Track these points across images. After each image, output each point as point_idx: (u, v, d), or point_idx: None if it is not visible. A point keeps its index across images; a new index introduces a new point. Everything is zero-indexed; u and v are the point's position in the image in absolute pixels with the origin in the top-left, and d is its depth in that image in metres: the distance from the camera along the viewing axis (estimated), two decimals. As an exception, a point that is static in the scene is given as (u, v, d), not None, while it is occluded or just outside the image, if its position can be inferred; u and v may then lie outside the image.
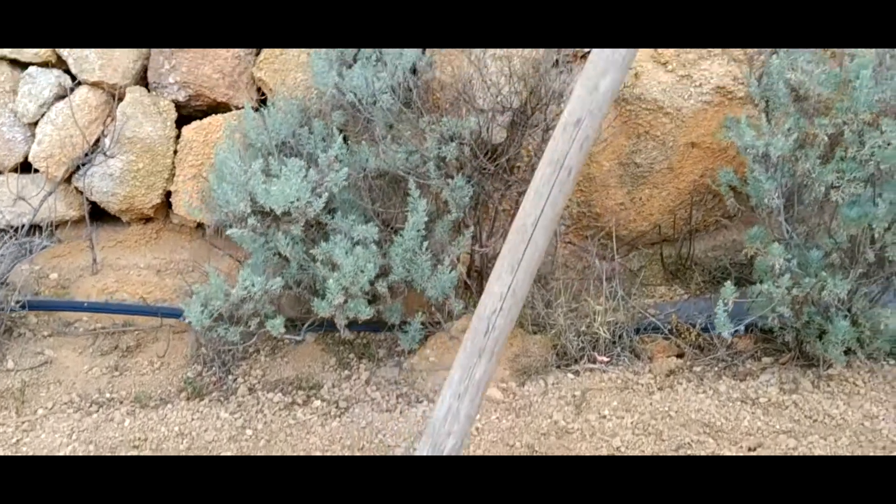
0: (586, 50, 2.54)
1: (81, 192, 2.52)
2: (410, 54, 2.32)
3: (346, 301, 1.89)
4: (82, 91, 2.47)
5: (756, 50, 2.16)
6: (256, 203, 1.85)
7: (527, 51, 2.45)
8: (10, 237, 2.31)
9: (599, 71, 1.23)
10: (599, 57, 1.24)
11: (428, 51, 2.46)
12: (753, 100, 2.07)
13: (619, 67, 1.23)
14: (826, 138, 1.91)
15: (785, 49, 2.04)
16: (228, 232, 1.94)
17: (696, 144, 2.48)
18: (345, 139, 2.22)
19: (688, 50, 2.45)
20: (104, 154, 2.37)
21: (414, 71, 2.39)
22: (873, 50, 2.03)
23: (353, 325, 2.09)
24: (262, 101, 2.59)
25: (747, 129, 1.94)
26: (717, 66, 2.43)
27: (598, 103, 1.24)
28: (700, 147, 2.48)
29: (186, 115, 2.58)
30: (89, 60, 2.43)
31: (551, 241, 2.39)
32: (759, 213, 2.08)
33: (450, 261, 2.02)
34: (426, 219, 1.98)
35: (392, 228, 2.08)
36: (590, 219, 2.55)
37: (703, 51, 2.48)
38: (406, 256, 1.93)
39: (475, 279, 2.28)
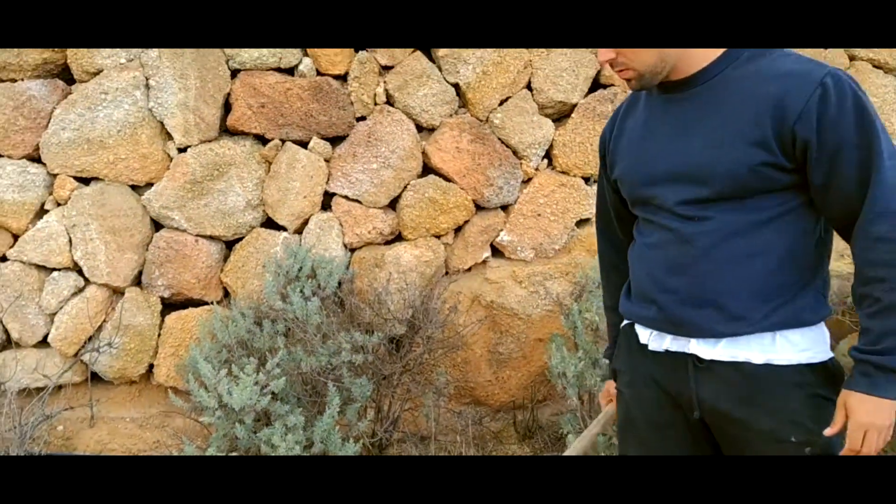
0: (481, 258, 3.52)
1: (85, 364, 3.34)
2: (337, 275, 3.25)
3: (280, 467, 2.74)
4: (92, 289, 3.33)
5: (569, 293, 3.16)
6: (222, 401, 2.72)
7: (425, 268, 3.41)
8: (38, 401, 3.12)
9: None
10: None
11: (351, 267, 3.40)
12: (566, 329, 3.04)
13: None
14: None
15: (588, 293, 3.02)
16: (202, 418, 2.79)
17: (541, 340, 3.44)
18: (286, 336, 3.12)
19: (537, 272, 3.44)
20: (109, 345, 3.22)
21: (340, 284, 3.32)
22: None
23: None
24: (227, 294, 3.49)
25: (556, 352, 2.90)
26: (556, 285, 3.41)
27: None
28: (545, 342, 3.44)
29: (169, 303, 3.45)
30: (99, 268, 3.30)
31: (435, 407, 3.30)
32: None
33: (355, 436, 2.90)
34: (340, 404, 2.86)
35: (316, 410, 2.96)
36: (466, 391, 3.47)
37: (552, 270, 3.47)
38: (324, 435, 2.80)
39: (376, 446, 3.15)
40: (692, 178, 1.43)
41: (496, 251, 3.58)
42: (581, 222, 3.57)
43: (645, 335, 1.55)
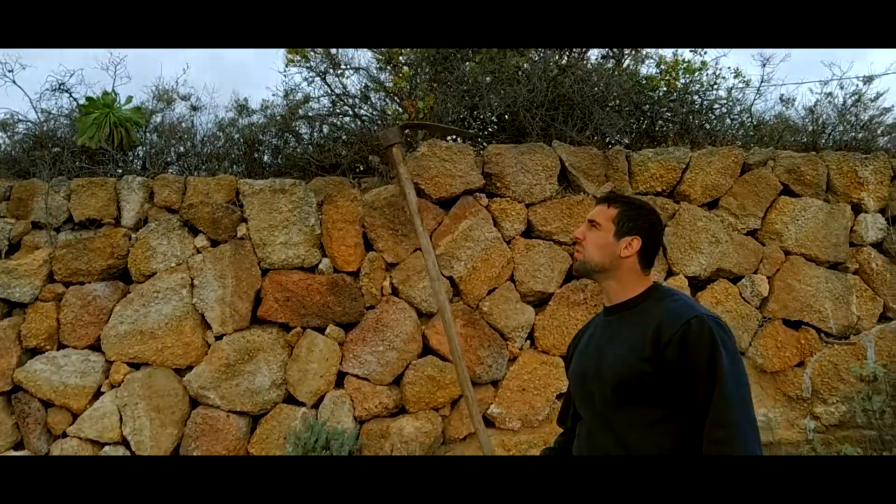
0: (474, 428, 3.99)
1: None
2: (347, 446, 3.74)
3: None
4: (137, 460, 3.85)
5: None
6: (246, 565, 3.16)
7: (424, 438, 3.89)
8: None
9: None
10: None
11: (360, 437, 3.90)
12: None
13: None
14: None
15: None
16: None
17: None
18: None
19: (523, 440, 3.91)
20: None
21: (350, 454, 3.81)
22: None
23: None
24: None
25: None
26: (538, 453, 3.87)
27: None
28: None
29: None
30: (144, 442, 3.82)
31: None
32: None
33: None
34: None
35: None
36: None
37: (535, 439, 3.94)
38: None
39: None
40: (602, 380, 1.96)
41: (488, 422, 4.07)
42: (561, 395, 4.08)
43: None
